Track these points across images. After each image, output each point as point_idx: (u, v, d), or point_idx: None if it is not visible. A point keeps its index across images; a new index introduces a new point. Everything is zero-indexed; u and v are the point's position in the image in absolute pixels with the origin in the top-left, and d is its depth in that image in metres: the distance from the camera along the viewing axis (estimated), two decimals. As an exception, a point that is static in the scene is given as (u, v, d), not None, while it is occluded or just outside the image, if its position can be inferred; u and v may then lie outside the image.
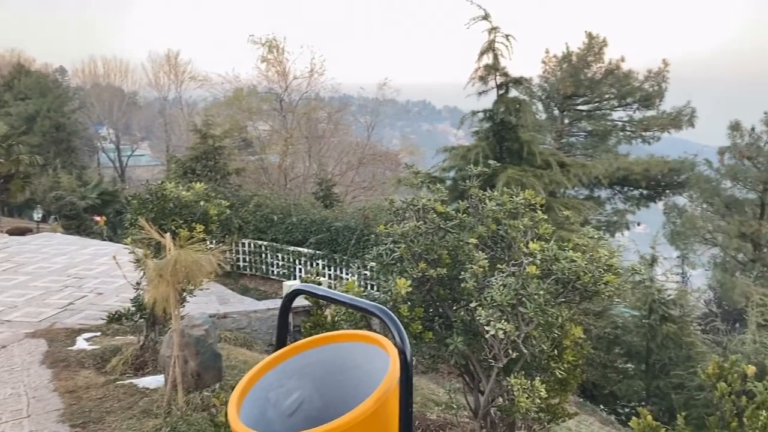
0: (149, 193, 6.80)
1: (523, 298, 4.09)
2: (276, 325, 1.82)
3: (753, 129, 20.94)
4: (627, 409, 11.90)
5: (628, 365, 11.34)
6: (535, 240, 4.72)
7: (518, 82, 8.25)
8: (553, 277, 4.34)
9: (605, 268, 4.42)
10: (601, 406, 12.32)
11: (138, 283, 7.11)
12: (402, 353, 1.45)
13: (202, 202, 6.70)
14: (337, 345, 1.74)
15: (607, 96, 24.31)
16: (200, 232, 6.03)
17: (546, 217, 5.17)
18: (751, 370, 3.68)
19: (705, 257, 22.96)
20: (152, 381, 6.79)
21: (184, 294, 6.19)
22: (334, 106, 31.04)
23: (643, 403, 11.24)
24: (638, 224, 25.83)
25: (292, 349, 1.70)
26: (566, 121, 25.12)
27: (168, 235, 5.53)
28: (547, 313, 4.11)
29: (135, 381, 6.85)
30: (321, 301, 6.10)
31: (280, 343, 1.74)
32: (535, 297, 4.07)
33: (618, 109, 24.79)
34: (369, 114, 30.60)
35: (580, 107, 25.05)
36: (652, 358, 10.65)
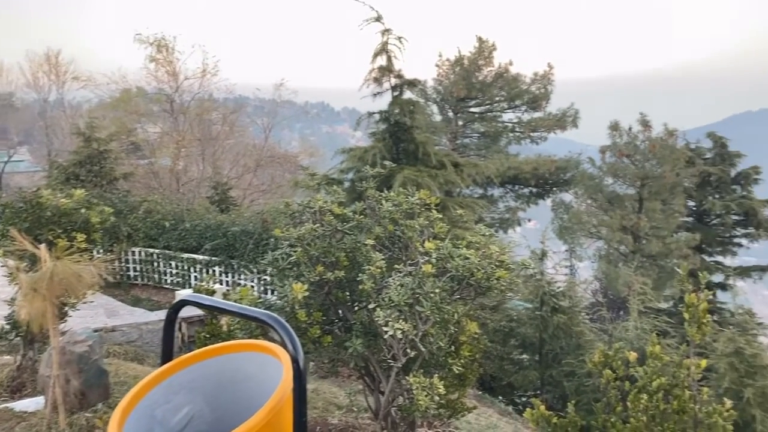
0: (23, 201, 6.29)
1: (420, 297, 4.12)
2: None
3: (630, 129, 22.43)
4: (524, 399, 12.40)
5: (524, 356, 11.80)
6: (431, 239, 4.78)
7: (412, 84, 8.37)
8: (449, 275, 4.41)
9: (497, 264, 4.55)
10: (500, 398, 12.76)
11: (13, 299, 6.57)
12: (295, 361, 1.40)
13: (83, 210, 6.27)
14: (228, 356, 1.66)
15: (497, 98, 25.26)
16: (81, 241, 5.65)
17: (441, 216, 5.26)
18: (632, 356, 3.89)
19: (591, 250, 24.35)
20: (31, 404, 6.28)
21: (65, 308, 5.77)
22: (228, 107, 30.23)
23: (538, 392, 11.75)
24: (529, 221, 27.02)
25: (179, 362, 1.60)
26: (460, 122, 25.86)
27: (43, 246, 5.12)
28: (443, 311, 4.16)
29: (11, 405, 6.31)
30: (215, 309, 5.87)
31: (166, 356, 1.64)
32: (431, 295, 4.11)
33: (508, 111, 25.82)
34: (266, 115, 30.06)
35: (472, 109, 25.87)
36: (545, 349, 11.14)
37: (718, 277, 23.91)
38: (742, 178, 23.58)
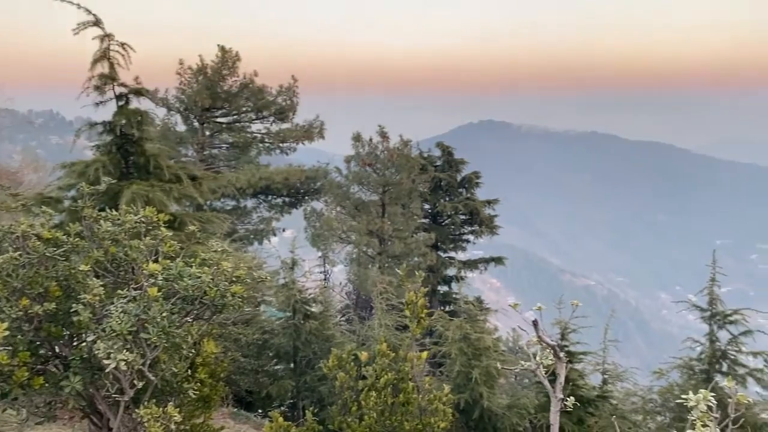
0: None
1: (146, 323, 3.84)
2: None
3: (371, 139, 23.89)
4: (283, 408, 12.42)
5: (278, 366, 11.82)
6: (161, 259, 4.49)
7: (139, 92, 7.82)
8: (179, 296, 4.18)
9: (232, 280, 4.45)
10: (260, 411, 12.62)
11: None
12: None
13: None
14: None
15: (244, 109, 25.07)
16: None
17: (178, 233, 4.98)
18: (363, 356, 4.08)
19: (343, 254, 25.40)
20: None
21: None
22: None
23: (293, 400, 11.86)
24: (284, 230, 27.28)
25: None
26: (207, 133, 25.14)
27: None
28: (172, 335, 3.93)
29: None
30: None
31: None
32: (158, 320, 3.86)
33: (256, 121, 25.77)
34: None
35: (219, 119, 25.32)
36: (299, 356, 11.30)
37: (452, 271, 26.53)
38: (467, 182, 26.49)
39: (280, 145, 26.00)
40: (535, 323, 4.00)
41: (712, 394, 3.40)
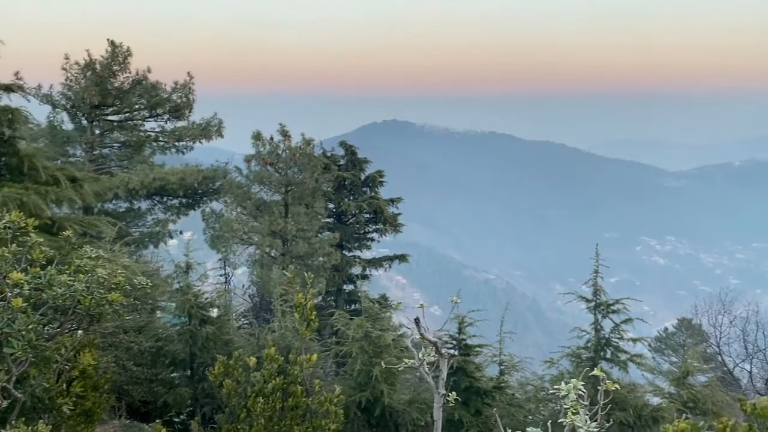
0: None
1: (10, 337, 3.55)
2: None
3: (272, 138, 23.49)
4: (182, 417, 11.96)
5: (175, 374, 11.39)
6: (30, 267, 4.18)
7: (9, 89, 7.24)
8: (48, 306, 3.90)
9: (111, 287, 4.20)
10: (157, 420, 12.09)
11: None
12: None
13: None
14: None
15: (137, 106, 23.95)
16: None
17: (46, 239, 4.65)
18: (252, 361, 3.97)
19: (244, 256, 24.85)
20: None
21: None
22: None
23: (191, 409, 11.46)
24: (181, 233, 26.30)
25: None
26: (97, 132, 23.82)
27: None
28: (40, 349, 3.66)
29: None
30: None
31: None
32: (24, 333, 3.58)
33: (150, 119, 24.68)
34: None
35: (110, 117, 24.03)
36: (196, 362, 10.92)
37: (357, 270, 26.62)
38: (370, 181, 26.65)
39: (176, 144, 25.06)
40: (416, 321, 4.05)
41: (604, 377, 3.58)
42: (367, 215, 26.28)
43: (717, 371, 26.94)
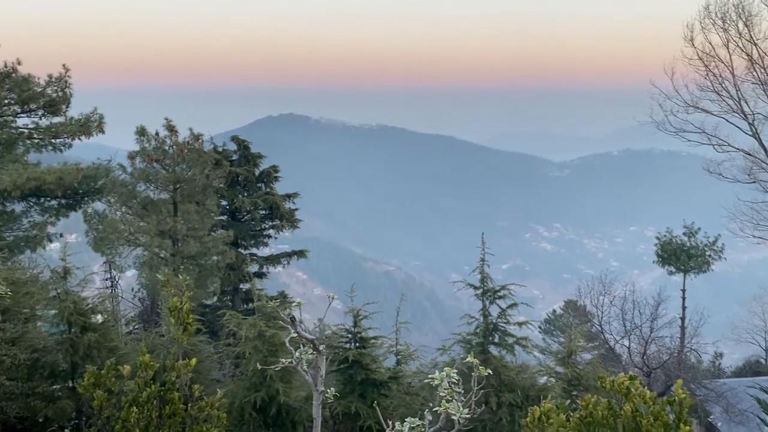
0: None
1: None
2: None
3: (158, 133, 22.48)
4: (67, 431, 11.25)
5: (55, 386, 10.67)
6: None
7: None
8: None
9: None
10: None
11: None
12: None
13: None
14: None
15: (7, 101, 22.17)
16: None
17: None
18: (126, 370, 3.77)
19: (131, 258, 23.69)
20: None
21: None
22: None
23: (76, 422, 10.80)
24: (61, 235, 24.65)
25: None
26: (-41, 128, 21.81)
27: None
28: None
29: None
30: None
31: None
32: None
33: (22, 115, 22.93)
34: None
35: (-25, 113, 22.11)
36: (78, 373, 10.29)
37: (254, 268, 26.13)
38: (265, 176, 26.20)
39: (52, 141, 23.43)
40: (292, 320, 4.00)
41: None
42: (263, 211, 25.84)
43: (600, 349, 28.85)
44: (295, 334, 4.04)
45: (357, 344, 9.99)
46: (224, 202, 25.37)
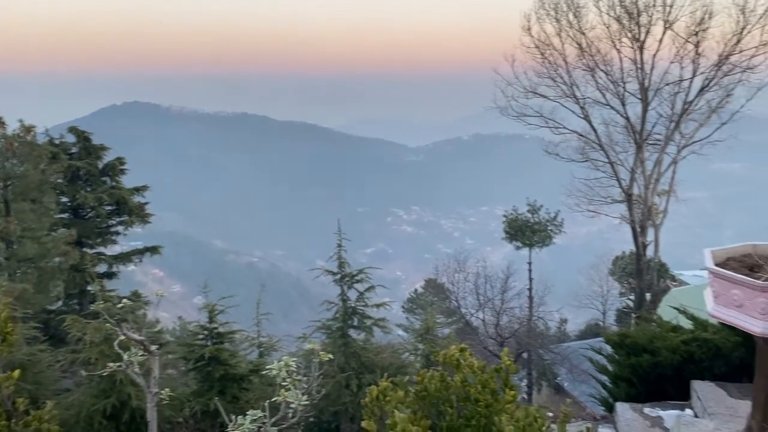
0: None
1: None
2: None
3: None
4: None
5: None
6: None
7: None
8: None
9: None
10: None
11: None
12: None
13: None
14: None
15: None
16: None
17: None
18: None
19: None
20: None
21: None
22: None
23: None
24: None
25: None
26: None
27: None
28: None
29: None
30: None
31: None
32: None
33: None
34: None
35: None
36: None
37: (102, 267, 24.52)
38: (110, 169, 24.55)
39: None
40: (118, 322, 3.81)
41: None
42: (109, 207, 24.23)
43: (459, 323, 30.39)
44: (123, 336, 3.82)
45: (214, 340, 9.70)
46: (65, 199, 23.54)
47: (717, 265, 3.30)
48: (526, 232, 33.20)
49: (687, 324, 7.00)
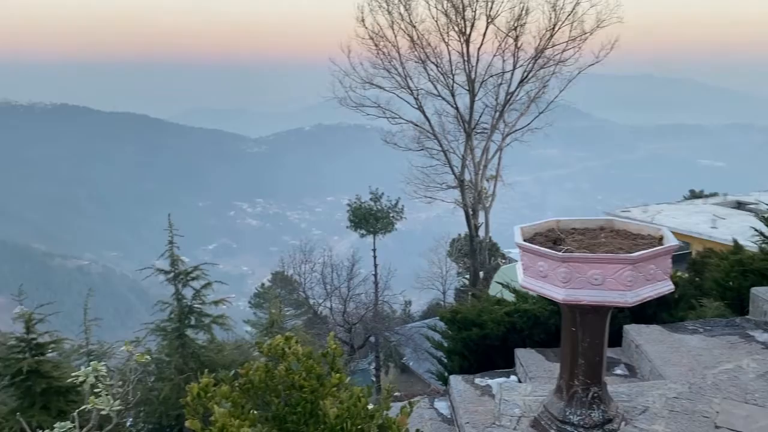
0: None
1: None
2: None
3: None
4: None
5: None
6: None
7: None
8: None
9: None
10: None
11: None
12: None
13: None
14: None
15: None
16: None
17: None
18: None
19: None
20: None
21: None
22: None
23: None
24: None
25: None
26: None
27: None
28: None
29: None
30: None
31: None
32: None
33: None
34: None
35: None
36: None
37: None
38: None
39: None
40: None
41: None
42: None
43: (308, 313, 30.36)
44: None
45: (33, 352, 8.79)
46: None
47: (526, 240, 3.56)
48: (369, 219, 33.98)
49: (510, 297, 7.54)
